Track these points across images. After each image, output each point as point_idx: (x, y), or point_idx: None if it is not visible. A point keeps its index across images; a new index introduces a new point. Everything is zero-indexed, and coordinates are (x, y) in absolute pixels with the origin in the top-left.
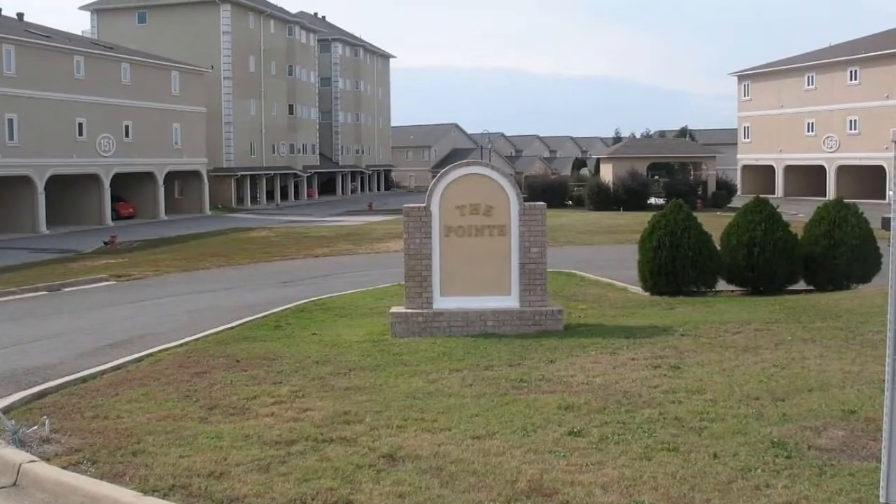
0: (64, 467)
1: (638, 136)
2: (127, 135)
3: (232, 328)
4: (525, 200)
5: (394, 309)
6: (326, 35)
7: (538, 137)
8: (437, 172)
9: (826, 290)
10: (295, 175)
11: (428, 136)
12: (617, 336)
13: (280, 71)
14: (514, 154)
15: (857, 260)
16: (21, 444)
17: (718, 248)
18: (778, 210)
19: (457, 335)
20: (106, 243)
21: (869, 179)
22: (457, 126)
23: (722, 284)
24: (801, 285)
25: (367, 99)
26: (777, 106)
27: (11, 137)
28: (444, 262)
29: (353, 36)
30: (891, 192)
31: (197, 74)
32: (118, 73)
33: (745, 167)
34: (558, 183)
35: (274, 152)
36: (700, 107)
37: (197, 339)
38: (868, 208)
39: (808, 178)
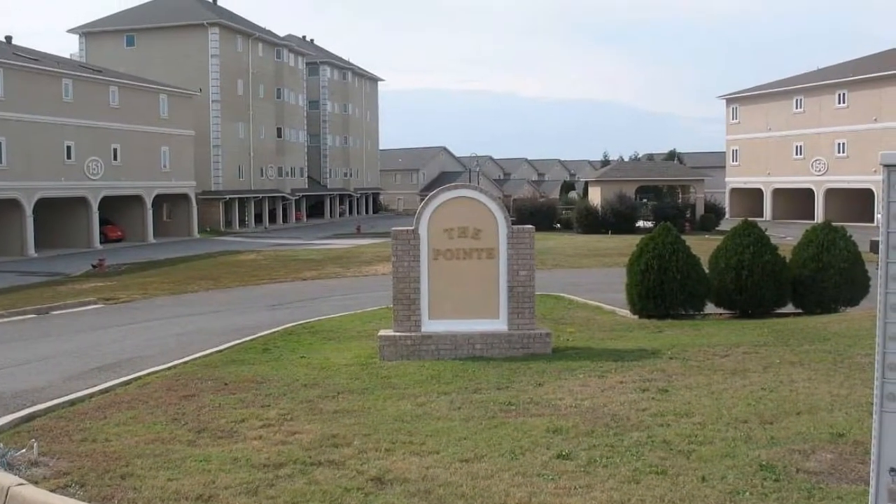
0: (52, 490)
1: (626, 159)
2: (115, 158)
3: (220, 351)
4: (513, 223)
5: (382, 332)
6: (315, 58)
7: (526, 160)
8: (426, 195)
9: (814, 313)
10: (283, 198)
11: (416, 159)
12: (605, 359)
13: (268, 94)
14: (502, 177)
15: (846, 283)
16: (9, 467)
17: (707, 271)
18: (766, 233)
19: (445, 358)
20: (94, 266)
21: (857, 202)
22: (445, 149)
23: (710, 307)
24: (790, 308)
25: (355, 122)
26: (765, 129)
27: (0, 160)
28: (432, 286)
29: (341, 59)
30: (879, 215)
31: (185, 97)
32: (106, 96)
33: (733, 190)
34: (546, 206)
35: (262, 175)
36: (688, 130)
37: (185, 363)
38: (856, 231)
39: (796, 201)
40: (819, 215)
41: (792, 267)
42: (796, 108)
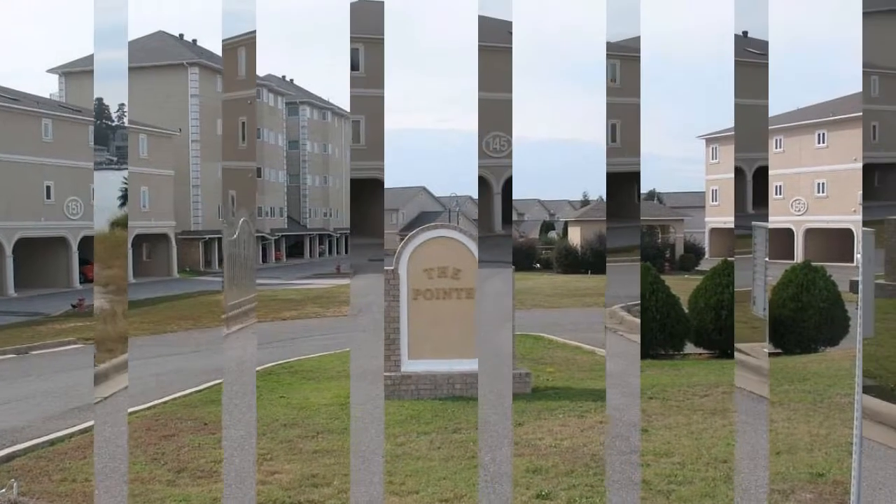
0: None
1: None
2: (94, 198)
3: (200, 391)
4: None
5: None
6: (294, 98)
7: None
8: (405, 235)
9: (794, 353)
10: (263, 238)
11: (395, 199)
12: (584, 399)
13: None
14: None
15: (825, 323)
16: None
17: (686, 310)
18: None
19: (425, 398)
20: (74, 306)
21: (837, 242)
22: (425, 189)
23: (690, 347)
24: (769, 348)
25: (335, 162)
26: None
27: None
28: (412, 325)
29: (320, 99)
30: (858, 255)
31: (165, 137)
32: (86, 135)
33: (712, 230)
34: (526, 246)
35: None
36: (667, 169)
37: (165, 402)
38: (836, 271)
39: (775, 241)
40: (799, 255)
41: (772, 307)
42: (776, 147)
